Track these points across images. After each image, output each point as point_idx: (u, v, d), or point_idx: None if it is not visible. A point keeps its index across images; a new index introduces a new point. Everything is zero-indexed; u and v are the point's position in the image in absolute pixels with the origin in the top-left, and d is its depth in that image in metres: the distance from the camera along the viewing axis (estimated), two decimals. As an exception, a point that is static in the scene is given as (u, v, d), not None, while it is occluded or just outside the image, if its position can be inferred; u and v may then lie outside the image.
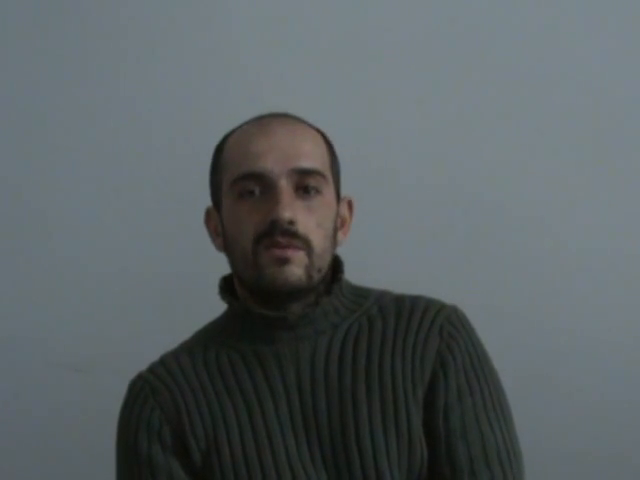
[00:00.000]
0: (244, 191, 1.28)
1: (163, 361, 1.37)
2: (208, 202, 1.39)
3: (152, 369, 1.36)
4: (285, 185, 1.27)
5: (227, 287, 1.38)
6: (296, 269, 1.26)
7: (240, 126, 1.36)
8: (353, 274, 1.39)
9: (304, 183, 1.28)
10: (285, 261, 1.26)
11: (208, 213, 1.39)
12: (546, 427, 1.81)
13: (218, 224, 1.36)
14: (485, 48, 1.91)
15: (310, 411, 1.28)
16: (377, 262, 1.85)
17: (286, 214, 1.25)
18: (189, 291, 1.88)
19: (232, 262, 1.34)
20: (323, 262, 1.30)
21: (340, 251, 1.38)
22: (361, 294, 1.38)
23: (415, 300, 1.35)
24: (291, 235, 1.25)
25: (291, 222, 1.25)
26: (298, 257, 1.26)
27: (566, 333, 1.90)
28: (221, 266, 1.40)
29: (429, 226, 1.91)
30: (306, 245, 1.27)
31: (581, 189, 1.91)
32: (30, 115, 1.96)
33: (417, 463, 1.26)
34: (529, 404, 1.42)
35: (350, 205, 1.39)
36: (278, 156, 1.27)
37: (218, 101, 1.92)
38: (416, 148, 1.91)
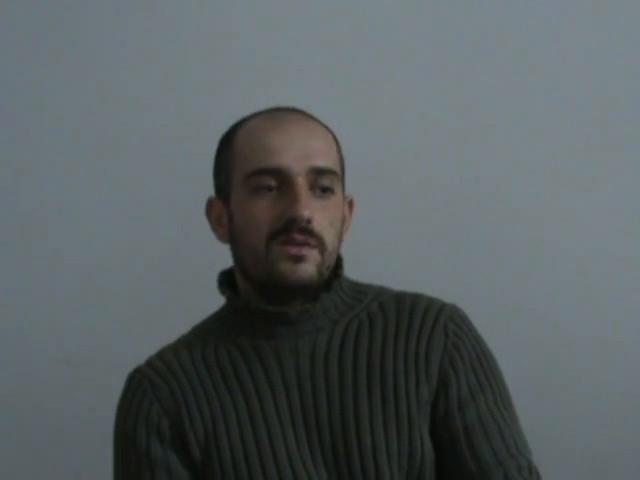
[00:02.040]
0: (260, 186, 1.28)
1: (161, 355, 1.37)
2: (205, 196, 1.38)
3: (150, 363, 1.36)
4: (303, 183, 1.27)
5: (226, 281, 1.37)
6: (309, 267, 1.27)
7: (248, 118, 1.35)
8: (352, 271, 1.40)
9: (320, 182, 1.29)
10: (300, 259, 1.26)
11: (210, 203, 1.38)
12: (545, 427, 1.82)
13: (223, 215, 1.35)
14: (488, 45, 1.91)
15: (310, 406, 1.29)
16: (376, 259, 1.85)
17: (305, 212, 1.25)
18: (186, 285, 1.88)
19: (238, 255, 1.33)
20: (332, 260, 1.32)
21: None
22: (360, 290, 1.39)
23: (416, 298, 1.36)
24: (308, 233, 1.26)
25: (309, 221, 1.26)
26: (312, 255, 1.27)
27: (565, 333, 1.91)
28: (220, 260, 1.40)
29: (428, 223, 1.91)
30: (320, 244, 1.28)
31: (583, 188, 1.91)
32: (28, 112, 1.95)
33: (417, 460, 1.27)
34: (527, 404, 1.43)
35: (351, 204, 1.39)
36: (296, 153, 1.28)
37: (219, 94, 1.92)
38: (416, 145, 1.90)
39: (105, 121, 1.94)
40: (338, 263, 1.36)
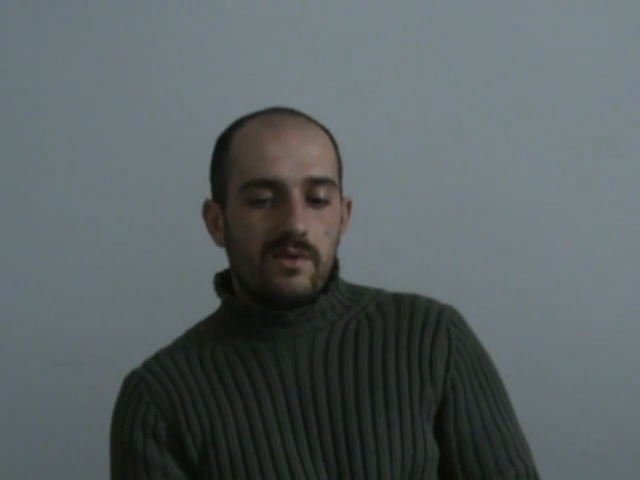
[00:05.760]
0: (256, 199, 1.27)
1: (157, 358, 1.36)
2: (202, 197, 1.38)
3: (146, 366, 1.36)
4: (298, 194, 1.26)
5: (222, 283, 1.37)
6: (303, 279, 1.27)
7: (245, 121, 1.33)
8: (349, 272, 1.39)
9: (316, 193, 1.28)
10: (294, 272, 1.26)
11: (207, 206, 1.37)
12: (542, 429, 1.82)
13: (219, 219, 1.34)
14: (485, 45, 1.92)
15: (310, 407, 1.28)
16: (374, 260, 1.86)
17: (300, 226, 1.25)
18: (183, 287, 1.87)
19: (235, 263, 1.33)
20: (327, 269, 1.31)
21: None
22: (356, 292, 1.39)
23: (414, 299, 1.36)
24: (302, 246, 1.26)
25: (303, 234, 1.25)
26: (306, 267, 1.27)
27: (563, 334, 1.92)
28: (216, 261, 1.40)
29: (426, 225, 1.91)
30: (314, 255, 1.27)
31: (579, 188, 1.92)
32: (27, 113, 1.95)
33: (420, 460, 1.28)
34: (524, 405, 1.44)
35: (349, 206, 1.39)
36: (293, 163, 1.27)
37: (215, 94, 1.92)
38: (414, 146, 1.91)
39: (103, 122, 1.94)
40: (334, 265, 1.36)
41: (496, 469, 1.29)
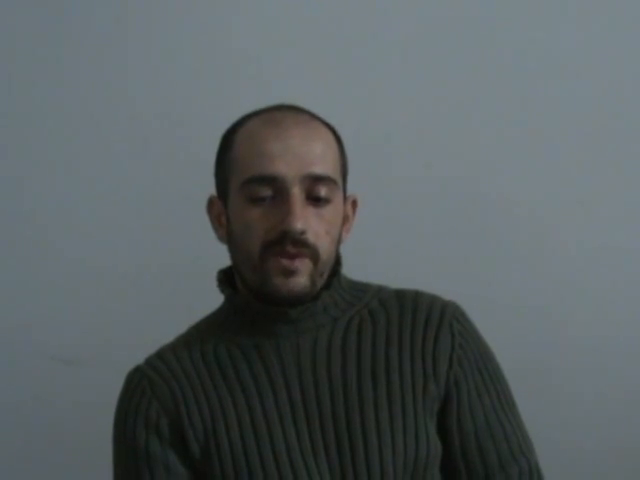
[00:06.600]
0: (255, 197, 1.27)
1: (160, 354, 1.37)
2: (205, 195, 1.38)
3: (149, 362, 1.36)
4: (298, 192, 1.26)
5: (225, 280, 1.37)
6: (301, 279, 1.27)
7: (248, 118, 1.34)
8: (352, 271, 1.40)
9: (316, 191, 1.28)
10: (292, 273, 1.26)
11: (211, 202, 1.37)
12: (544, 424, 1.82)
13: (222, 215, 1.35)
14: (486, 41, 1.92)
15: (313, 402, 1.29)
16: (376, 259, 1.86)
17: (298, 225, 1.24)
18: (185, 284, 1.88)
19: (236, 260, 1.33)
20: (327, 266, 1.31)
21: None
22: (359, 288, 1.39)
23: (416, 295, 1.36)
24: (301, 244, 1.26)
25: (302, 232, 1.25)
26: (304, 265, 1.27)
27: (566, 332, 1.92)
28: (218, 259, 1.40)
29: (428, 221, 1.92)
30: (314, 253, 1.27)
31: (582, 184, 1.92)
32: (28, 110, 1.95)
33: (423, 455, 1.28)
34: (527, 401, 1.44)
35: (354, 204, 1.38)
36: (292, 160, 1.26)
37: (218, 92, 1.92)
38: (415, 143, 1.91)
39: (104, 120, 1.94)
40: (337, 261, 1.36)
41: (499, 465, 1.30)
